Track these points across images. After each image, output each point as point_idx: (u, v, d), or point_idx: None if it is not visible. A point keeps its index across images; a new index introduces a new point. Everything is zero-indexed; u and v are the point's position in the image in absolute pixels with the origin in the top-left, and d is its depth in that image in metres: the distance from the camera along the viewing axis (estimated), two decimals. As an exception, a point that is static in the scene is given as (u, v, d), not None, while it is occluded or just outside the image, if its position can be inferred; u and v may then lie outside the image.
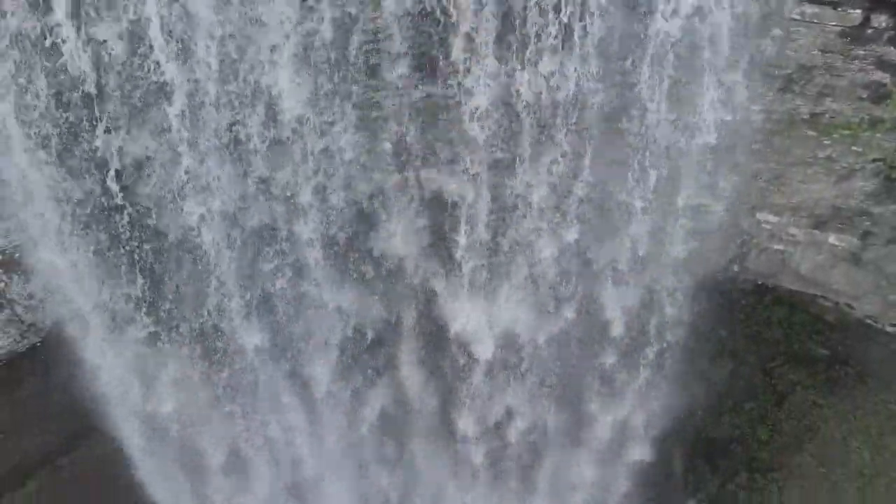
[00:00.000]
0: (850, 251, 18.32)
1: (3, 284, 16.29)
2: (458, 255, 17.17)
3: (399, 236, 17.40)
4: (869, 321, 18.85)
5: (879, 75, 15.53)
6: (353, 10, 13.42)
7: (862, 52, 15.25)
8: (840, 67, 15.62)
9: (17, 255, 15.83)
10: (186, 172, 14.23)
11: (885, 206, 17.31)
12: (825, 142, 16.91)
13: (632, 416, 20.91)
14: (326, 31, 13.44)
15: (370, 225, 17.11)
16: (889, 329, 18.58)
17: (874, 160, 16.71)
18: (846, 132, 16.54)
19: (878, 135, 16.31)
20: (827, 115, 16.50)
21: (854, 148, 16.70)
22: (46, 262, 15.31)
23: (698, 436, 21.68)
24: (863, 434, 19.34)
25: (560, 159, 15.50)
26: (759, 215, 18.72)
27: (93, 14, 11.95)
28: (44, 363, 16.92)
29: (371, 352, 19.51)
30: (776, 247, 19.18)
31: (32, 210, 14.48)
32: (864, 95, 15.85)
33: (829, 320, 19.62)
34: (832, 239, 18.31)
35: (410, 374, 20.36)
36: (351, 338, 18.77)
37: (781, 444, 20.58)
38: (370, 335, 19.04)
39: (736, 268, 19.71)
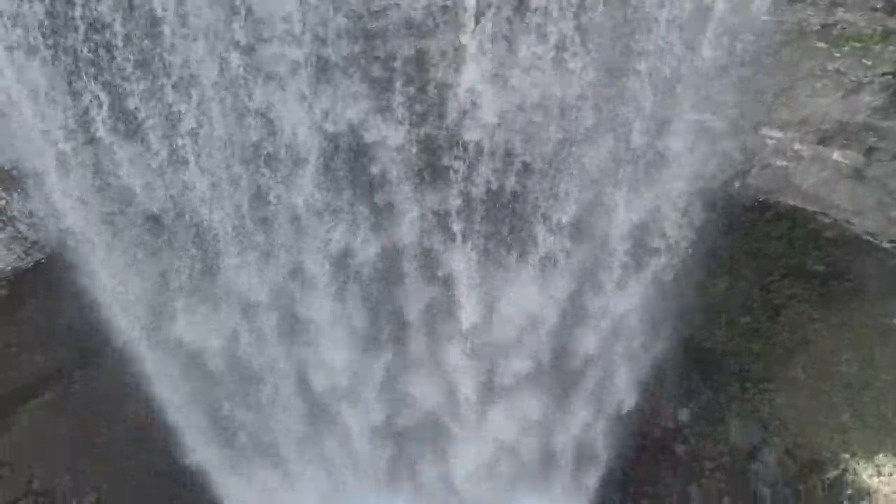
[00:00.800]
0: (854, 167, 18.06)
1: (3, 202, 16.36)
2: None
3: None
4: (867, 237, 18.81)
5: (896, -17, 14.91)
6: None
7: (879, -42, 14.60)
8: (855, -25, 15.01)
9: (14, 171, 15.78)
10: None
11: (893, 120, 16.92)
12: (835, 54, 16.41)
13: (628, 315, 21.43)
14: None
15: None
16: (886, 245, 18.57)
17: (884, 74, 16.21)
18: (857, 44, 16.01)
19: (891, 47, 15.77)
20: (838, 27, 15.93)
21: (864, 61, 16.19)
22: None
23: (692, 348, 22.13)
24: (853, 347, 19.62)
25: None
26: (764, 130, 18.39)
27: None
28: (47, 280, 17.19)
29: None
30: (779, 163, 18.92)
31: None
32: (878, 6, 15.22)
33: (828, 236, 19.60)
34: (836, 155, 18.03)
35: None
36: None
37: (774, 357, 20.96)
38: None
39: (738, 184, 19.55)
